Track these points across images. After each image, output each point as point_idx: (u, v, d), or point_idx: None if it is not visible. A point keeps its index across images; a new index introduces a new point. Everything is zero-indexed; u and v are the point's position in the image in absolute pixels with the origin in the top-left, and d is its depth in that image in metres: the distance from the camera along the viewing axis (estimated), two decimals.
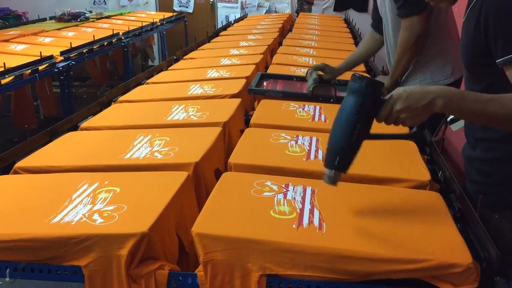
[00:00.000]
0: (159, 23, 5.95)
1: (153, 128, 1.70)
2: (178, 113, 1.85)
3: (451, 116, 1.56)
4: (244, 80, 2.27)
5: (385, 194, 1.27)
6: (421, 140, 1.73)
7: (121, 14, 6.58)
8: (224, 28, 4.69)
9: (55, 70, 3.63)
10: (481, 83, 1.31)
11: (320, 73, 2.29)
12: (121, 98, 2.20)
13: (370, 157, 1.47)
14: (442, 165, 1.47)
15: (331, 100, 2.06)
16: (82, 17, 5.77)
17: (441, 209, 1.19)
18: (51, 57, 3.60)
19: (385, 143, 1.57)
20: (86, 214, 1.13)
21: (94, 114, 2.04)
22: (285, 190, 1.25)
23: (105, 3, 7.79)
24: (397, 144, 1.58)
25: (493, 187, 1.35)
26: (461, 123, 1.58)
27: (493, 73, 1.25)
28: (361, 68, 2.75)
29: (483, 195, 1.15)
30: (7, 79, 3.09)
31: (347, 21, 5.34)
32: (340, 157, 1.11)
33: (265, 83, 2.35)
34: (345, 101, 1.11)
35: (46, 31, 4.83)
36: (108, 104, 2.18)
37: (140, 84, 2.54)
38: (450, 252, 1.00)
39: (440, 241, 1.04)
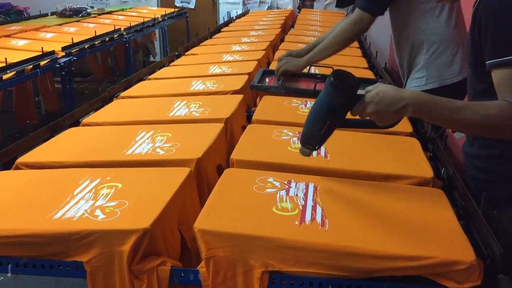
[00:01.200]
0: (161, 19, 5.93)
1: (155, 124, 1.69)
2: (180, 109, 1.85)
3: None
4: (246, 76, 2.26)
5: (387, 191, 1.27)
6: (424, 137, 1.72)
7: (122, 10, 6.56)
8: (226, 24, 4.68)
9: (57, 65, 3.62)
10: (482, 82, 1.30)
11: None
12: (123, 94, 2.19)
13: (372, 154, 1.47)
14: (445, 162, 1.46)
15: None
16: (83, 12, 5.76)
17: (444, 206, 1.19)
18: (52, 52, 3.59)
19: (388, 140, 1.57)
20: (88, 210, 1.13)
21: (96, 109, 2.03)
22: (287, 186, 1.25)
23: None
24: (400, 141, 1.58)
25: (490, 183, 1.35)
26: None
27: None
28: (363, 64, 2.75)
29: (481, 191, 1.15)
30: (9, 75, 3.09)
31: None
32: (312, 141, 1.23)
33: (267, 79, 2.34)
34: (320, 95, 1.17)
35: (48, 27, 4.82)
36: (110, 100, 2.17)
37: (141, 80, 2.54)
38: (453, 249, 1.00)
39: (443, 238, 1.04)
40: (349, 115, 1.20)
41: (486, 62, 1.20)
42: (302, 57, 2.27)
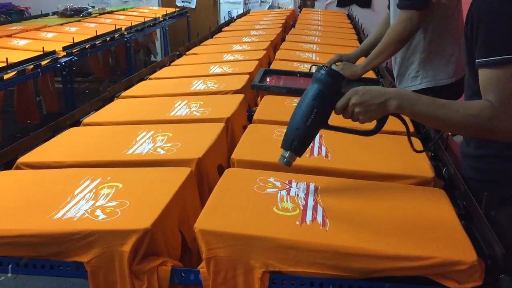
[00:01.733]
0: (162, 19, 5.93)
1: (155, 124, 1.69)
2: (180, 109, 1.85)
3: None
4: (247, 76, 2.26)
5: (388, 191, 1.26)
6: (425, 137, 1.72)
7: (123, 10, 6.56)
8: (227, 23, 4.68)
9: (58, 65, 3.63)
10: (476, 82, 1.30)
11: (338, 64, 2.28)
12: (124, 93, 2.19)
13: (373, 153, 1.47)
14: (446, 162, 1.46)
15: None
16: (84, 12, 5.76)
17: (445, 206, 1.18)
18: (53, 52, 3.60)
19: (388, 140, 1.56)
20: (89, 210, 1.13)
21: (97, 109, 2.03)
22: (288, 186, 1.24)
23: None
24: (401, 141, 1.57)
25: (486, 183, 1.35)
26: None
27: None
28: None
29: (477, 192, 1.15)
30: (10, 74, 3.09)
31: (350, 17, 5.32)
32: (295, 140, 1.19)
33: (268, 79, 2.33)
34: (307, 88, 1.20)
35: (49, 26, 4.82)
36: (110, 100, 2.17)
37: (142, 79, 2.54)
38: (455, 249, 0.99)
39: (444, 238, 1.03)
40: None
41: (476, 61, 1.21)
42: (357, 65, 2.26)
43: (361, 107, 1.17)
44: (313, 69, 2.41)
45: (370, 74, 2.45)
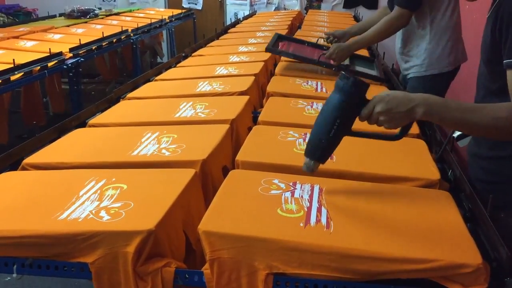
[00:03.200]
0: (168, 20, 5.95)
1: (161, 125, 1.70)
2: (186, 110, 1.85)
3: (458, 133, 1.55)
4: (252, 78, 2.26)
5: (394, 193, 1.26)
6: (431, 139, 1.71)
7: (130, 11, 6.59)
8: (233, 25, 4.68)
9: (64, 66, 3.64)
10: (496, 81, 1.30)
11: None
12: (130, 95, 2.20)
13: (379, 155, 1.46)
14: (452, 164, 1.45)
15: (333, 69, 2.45)
16: (91, 14, 5.78)
17: (450, 208, 1.18)
18: (60, 53, 3.61)
19: (395, 142, 1.55)
20: (93, 211, 1.13)
21: (102, 110, 2.04)
22: (292, 188, 1.24)
23: (114, 0, 7.80)
24: (407, 143, 1.57)
25: (498, 185, 1.34)
26: (467, 139, 1.57)
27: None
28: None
29: (487, 194, 1.14)
30: (17, 76, 3.11)
31: (356, 18, 5.31)
32: (318, 149, 1.18)
33: (280, 44, 2.66)
34: (330, 96, 1.16)
35: (56, 28, 4.85)
36: (116, 101, 2.18)
37: (148, 81, 2.54)
38: (460, 252, 0.99)
39: (449, 241, 1.03)
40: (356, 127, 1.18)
41: (504, 61, 1.19)
42: (347, 48, 2.52)
43: (386, 115, 1.13)
44: (320, 41, 2.77)
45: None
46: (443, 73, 2.49)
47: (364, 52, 2.92)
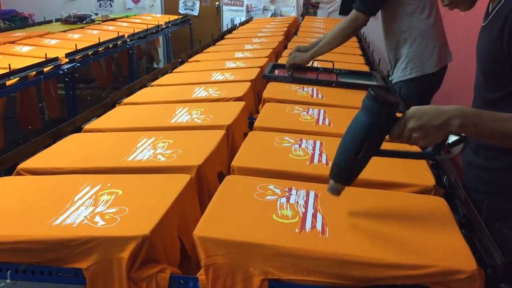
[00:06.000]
0: (165, 26, 5.96)
1: (156, 131, 1.69)
2: (182, 115, 1.85)
3: (453, 139, 1.55)
4: (248, 83, 2.26)
5: (389, 199, 1.26)
6: None
7: (126, 17, 6.60)
8: (229, 31, 4.69)
9: (60, 72, 3.63)
10: (497, 92, 1.29)
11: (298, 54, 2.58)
12: (126, 100, 2.20)
13: (374, 161, 1.45)
14: (447, 170, 1.45)
15: (333, 85, 2.38)
16: (87, 19, 5.79)
17: (445, 214, 1.18)
18: (56, 59, 3.61)
19: (389, 148, 1.56)
20: (88, 216, 1.13)
21: (98, 116, 2.03)
22: (288, 194, 1.24)
23: (111, 6, 7.82)
24: (401, 149, 1.57)
25: (494, 196, 1.33)
26: (460, 147, 1.56)
27: (510, 83, 1.23)
28: (364, 68, 2.77)
29: (482, 203, 1.14)
30: (12, 81, 3.10)
31: None
32: (345, 172, 1.11)
33: (276, 71, 2.61)
34: (357, 116, 1.08)
35: (52, 33, 4.85)
36: (112, 106, 2.18)
37: (144, 86, 2.54)
38: (455, 258, 0.99)
39: (444, 247, 1.03)
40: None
41: None
42: (306, 53, 2.56)
43: (420, 131, 1.07)
44: (316, 64, 2.70)
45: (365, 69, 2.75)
46: (427, 74, 2.63)
47: (363, 68, 2.86)
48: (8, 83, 3.06)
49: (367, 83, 2.46)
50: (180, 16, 6.90)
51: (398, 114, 1.10)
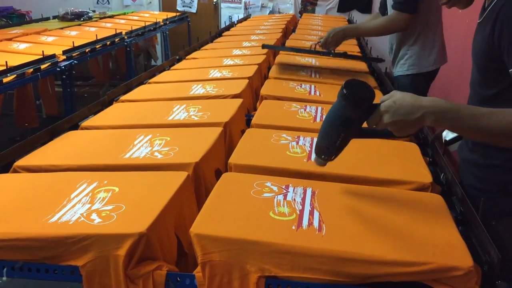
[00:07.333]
0: (162, 23, 5.95)
1: (153, 128, 1.69)
2: (179, 113, 1.84)
3: (450, 136, 1.55)
4: (246, 81, 2.26)
5: (386, 196, 1.26)
6: (423, 142, 1.72)
7: (124, 14, 6.58)
8: (227, 28, 4.68)
9: (58, 69, 3.62)
10: (492, 88, 1.28)
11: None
12: (123, 97, 2.19)
13: (371, 158, 1.46)
14: (444, 167, 1.46)
15: (330, 55, 2.61)
16: (85, 16, 5.77)
17: (442, 211, 1.18)
18: (53, 56, 3.60)
19: (387, 145, 1.56)
20: (84, 214, 1.13)
21: (95, 113, 2.03)
22: (285, 191, 1.24)
23: (109, 3, 7.80)
24: (399, 146, 1.57)
25: (489, 193, 1.33)
26: (457, 144, 1.57)
27: (505, 79, 1.23)
28: (363, 67, 2.77)
29: (477, 200, 1.14)
30: (9, 78, 3.09)
31: (350, 22, 5.33)
32: (327, 153, 1.19)
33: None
34: (333, 106, 1.13)
35: (49, 30, 4.82)
36: (109, 104, 2.17)
37: (142, 83, 2.54)
38: (451, 255, 0.99)
39: (441, 243, 1.03)
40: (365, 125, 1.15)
41: (510, 70, 1.18)
42: (342, 30, 2.66)
43: (394, 125, 1.09)
44: (314, 47, 2.72)
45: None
46: (423, 73, 2.68)
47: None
48: (5, 80, 3.05)
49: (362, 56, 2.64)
50: (178, 13, 6.88)
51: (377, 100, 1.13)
